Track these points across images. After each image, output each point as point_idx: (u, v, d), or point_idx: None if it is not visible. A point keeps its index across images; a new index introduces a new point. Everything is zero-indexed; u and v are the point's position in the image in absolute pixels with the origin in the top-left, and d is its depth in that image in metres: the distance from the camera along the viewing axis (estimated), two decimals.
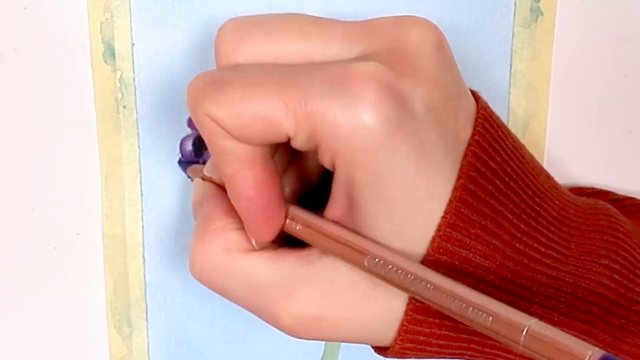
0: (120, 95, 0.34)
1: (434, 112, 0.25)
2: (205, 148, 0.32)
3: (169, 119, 0.35)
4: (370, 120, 0.23)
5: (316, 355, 0.38)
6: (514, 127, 0.36)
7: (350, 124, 0.23)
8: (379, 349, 0.28)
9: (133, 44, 0.34)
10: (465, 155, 0.25)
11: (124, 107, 0.34)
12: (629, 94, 0.36)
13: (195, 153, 0.35)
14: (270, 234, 0.27)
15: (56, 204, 0.36)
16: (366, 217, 0.25)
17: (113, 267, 0.36)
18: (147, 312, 0.37)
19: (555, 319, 0.27)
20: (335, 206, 0.26)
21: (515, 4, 0.35)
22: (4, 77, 0.34)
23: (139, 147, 0.35)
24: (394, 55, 0.25)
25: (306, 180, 0.30)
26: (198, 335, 0.37)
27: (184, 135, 0.35)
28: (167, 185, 0.36)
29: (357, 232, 0.26)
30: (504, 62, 0.35)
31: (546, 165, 0.36)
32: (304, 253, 0.27)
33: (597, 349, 0.20)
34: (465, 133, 0.26)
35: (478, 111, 0.26)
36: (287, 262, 0.27)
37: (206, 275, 0.28)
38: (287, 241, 0.29)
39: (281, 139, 0.25)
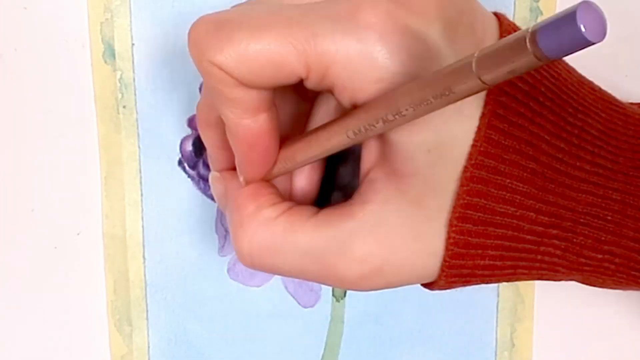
0: (120, 95, 0.34)
1: (449, 28, 0.24)
2: (205, 149, 0.32)
3: (169, 119, 0.35)
4: (384, 51, 0.23)
5: (316, 355, 0.38)
6: None
7: (364, 58, 0.23)
8: (429, 285, 0.28)
9: (133, 44, 0.34)
10: None
11: (124, 107, 0.34)
12: (629, 94, 0.36)
13: (195, 153, 0.35)
14: (262, 173, 0.27)
15: (56, 204, 0.35)
16: (401, 153, 0.24)
17: (113, 266, 0.36)
18: (147, 312, 0.36)
19: (603, 238, 0.26)
20: (368, 158, 0.26)
21: (514, 4, 0.34)
22: (4, 77, 0.34)
23: (139, 147, 0.35)
24: None
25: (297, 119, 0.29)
26: (198, 334, 0.37)
27: (184, 135, 0.35)
28: (167, 185, 0.35)
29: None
30: None
31: None
32: (345, 209, 0.26)
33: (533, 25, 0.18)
34: (489, 43, 0.25)
35: (501, 24, 0.25)
36: (332, 223, 0.26)
37: (258, 259, 0.27)
38: (324, 202, 0.28)
39: (293, 80, 0.24)
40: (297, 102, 0.29)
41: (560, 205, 0.25)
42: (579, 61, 0.34)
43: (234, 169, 0.29)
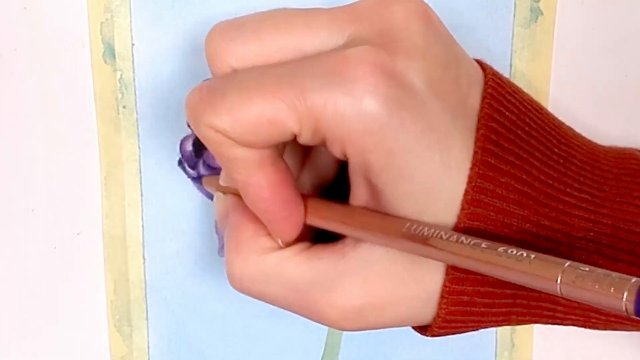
0: (120, 95, 0.34)
1: (434, 83, 0.25)
2: (205, 148, 0.31)
3: (168, 119, 0.35)
4: (370, 103, 0.23)
5: (316, 355, 0.38)
6: None
7: (352, 111, 0.23)
8: (422, 329, 0.28)
9: (133, 44, 0.34)
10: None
11: (124, 107, 0.34)
12: (629, 94, 0.36)
13: (196, 153, 0.35)
14: (294, 230, 0.28)
15: (56, 204, 0.35)
16: (389, 200, 0.25)
17: (113, 266, 0.36)
18: (147, 312, 0.37)
19: (600, 262, 0.27)
20: (357, 195, 0.26)
21: (515, 4, 0.35)
22: (4, 77, 0.34)
23: (139, 147, 0.35)
24: (383, 36, 0.25)
25: (324, 173, 0.30)
26: (198, 335, 0.37)
27: (184, 135, 0.35)
28: (167, 185, 0.35)
29: (384, 212, 0.26)
30: (504, 62, 0.35)
31: None
32: (337, 247, 0.27)
33: (635, 278, 0.20)
34: (473, 99, 0.26)
35: (486, 75, 0.26)
36: (323, 259, 0.27)
37: (247, 284, 0.28)
38: (319, 236, 0.29)
39: (287, 137, 0.25)
40: (305, 148, 0.30)
41: (555, 229, 0.26)
42: (579, 61, 0.35)
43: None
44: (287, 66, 0.25)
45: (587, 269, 0.20)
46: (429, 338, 0.28)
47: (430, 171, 0.25)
